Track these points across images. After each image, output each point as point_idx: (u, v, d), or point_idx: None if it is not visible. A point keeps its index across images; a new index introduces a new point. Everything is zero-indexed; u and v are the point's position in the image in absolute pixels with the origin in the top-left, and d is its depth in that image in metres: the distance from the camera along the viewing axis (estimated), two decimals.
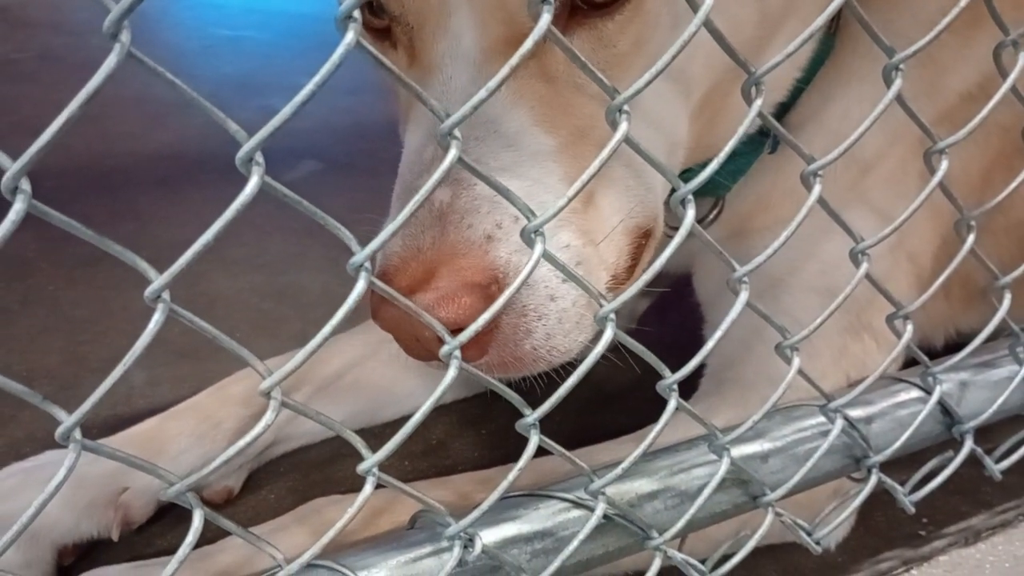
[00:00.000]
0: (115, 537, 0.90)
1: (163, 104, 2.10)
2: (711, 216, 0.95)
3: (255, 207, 0.46)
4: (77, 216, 0.40)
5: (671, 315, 1.32)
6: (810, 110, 0.91)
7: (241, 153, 0.44)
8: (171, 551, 0.53)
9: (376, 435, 1.12)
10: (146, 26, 2.99)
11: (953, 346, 1.13)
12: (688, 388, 0.89)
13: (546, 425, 0.61)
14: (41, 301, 1.38)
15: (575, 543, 0.66)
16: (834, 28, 0.90)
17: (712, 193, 0.94)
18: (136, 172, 1.88)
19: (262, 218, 1.57)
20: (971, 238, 0.81)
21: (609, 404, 1.21)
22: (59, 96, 0.38)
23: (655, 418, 0.67)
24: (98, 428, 1.05)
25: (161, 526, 0.95)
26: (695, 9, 0.54)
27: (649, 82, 0.53)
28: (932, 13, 0.89)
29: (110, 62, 0.40)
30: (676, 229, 0.60)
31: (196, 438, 0.96)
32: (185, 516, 0.53)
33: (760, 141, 0.90)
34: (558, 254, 0.63)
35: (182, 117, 2.05)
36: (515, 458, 0.62)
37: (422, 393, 1.10)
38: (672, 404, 0.67)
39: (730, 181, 0.94)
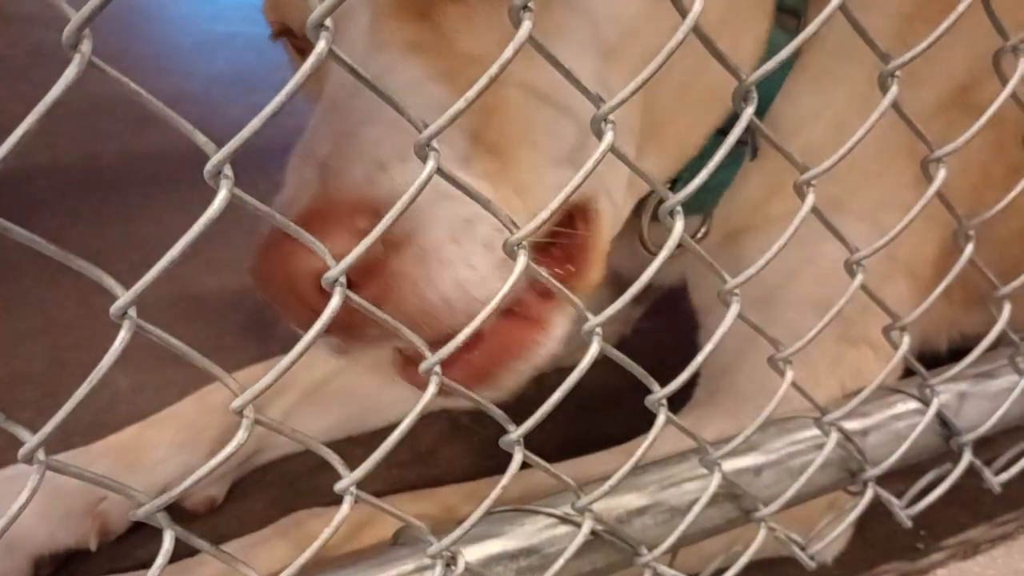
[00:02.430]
0: (93, 547, 0.88)
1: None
2: (700, 234, 0.94)
3: (244, 208, 0.45)
4: (66, 216, 0.39)
5: (667, 319, 1.30)
6: (778, 113, 0.89)
7: (209, 166, 0.43)
8: (151, 562, 0.52)
9: (365, 443, 1.10)
10: (139, 22, 2.97)
11: (957, 349, 1.12)
12: (683, 395, 0.87)
13: (536, 434, 0.59)
14: (25, 304, 1.36)
15: (562, 560, 0.64)
16: (799, 28, 0.88)
17: (698, 210, 0.92)
18: (125, 171, 1.85)
19: (252, 220, 1.55)
20: (969, 248, 0.79)
21: (600, 411, 1.19)
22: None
23: (648, 424, 0.65)
24: (80, 434, 1.03)
25: (141, 536, 0.94)
26: (683, 14, 0.52)
27: (634, 92, 0.51)
28: (900, 5, 0.87)
29: (69, 73, 0.39)
30: (661, 246, 0.59)
31: (177, 447, 0.95)
32: None
33: (739, 151, 0.89)
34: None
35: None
36: (506, 467, 0.60)
37: (409, 399, 1.08)
38: (661, 419, 0.65)
39: (715, 196, 0.92)
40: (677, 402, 0.66)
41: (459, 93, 0.53)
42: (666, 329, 1.27)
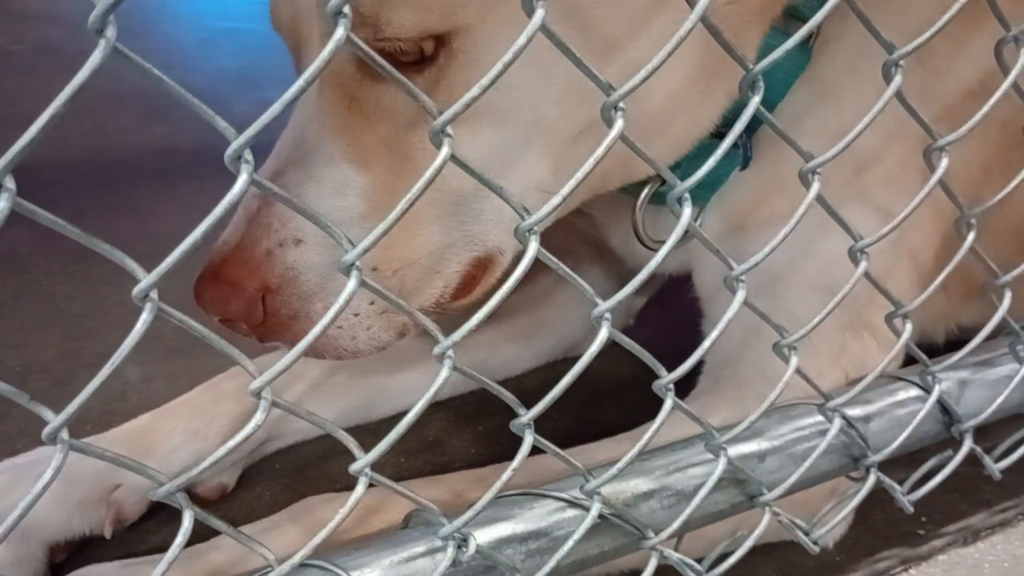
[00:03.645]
0: (107, 534, 0.89)
1: (160, 98, 2.07)
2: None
3: None
4: (72, 210, 0.40)
5: (670, 311, 1.31)
6: (783, 123, 0.91)
7: (230, 151, 0.44)
8: (164, 548, 0.53)
9: (372, 431, 1.11)
10: (144, 18, 2.98)
11: (954, 341, 1.13)
12: (686, 385, 0.88)
13: (542, 422, 0.61)
14: (36, 296, 1.37)
15: (570, 543, 0.65)
16: (812, 41, 0.89)
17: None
18: (133, 166, 1.87)
19: None
20: (971, 236, 0.80)
21: (606, 401, 1.21)
22: (56, 89, 0.38)
23: (652, 414, 0.67)
24: (92, 424, 1.05)
25: (154, 523, 0.95)
26: (692, 5, 0.53)
27: (644, 79, 0.52)
28: (917, 24, 0.88)
29: (95, 58, 0.40)
30: (662, 242, 0.60)
31: (189, 435, 0.96)
32: (178, 513, 0.53)
33: (734, 154, 0.90)
34: (340, 276, 0.70)
35: (179, 111, 2.01)
36: (512, 455, 0.61)
37: (417, 389, 1.09)
38: (668, 404, 0.66)
39: (707, 192, 0.94)
40: (680, 392, 0.67)
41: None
42: (666, 321, 1.28)
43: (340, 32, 0.43)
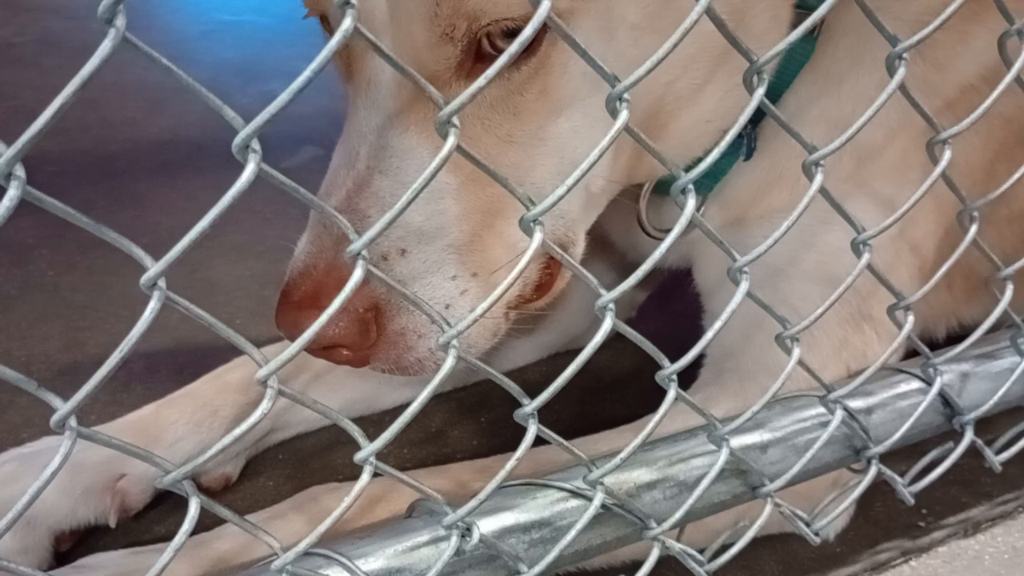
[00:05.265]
0: (112, 523, 0.90)
1: (163, 89, 2.09)
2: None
3: (255, 194, 0.46)
4: (77, 202, 0.40)
5: (671, 305, 1.32)
6: (787, 113, 0.91)
7: (237, 140, 0.44)
8: (169, 537, 0.53)
9: (375, 423, 1.12)
10: (146, 11, 2.98)
11: (955, 337, 1.13)
12: (688, 378, 0.89)
13: (545, 414, 0.61)
14: (40, 287, 1.37)
15: (573, 533, 0.66)
16: (817, 31, 0.90)
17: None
18: (136, 158, 1.87)
19: (262, 205, 1.57)
20: (973, 229, 0.81)
21: (608, 393, 1.21)
22: (59, 81, 0.38)
23: (654, 407, 0.67)
24: (96, 414, 1.05)
25: (159, 512, 0.95)
26: None
27: (650, 70, 0.52)
28: (918, 14, 0.88)
29: (104, 47, 0.40)
30: (666, 231, 0.61)
31: (193, 425, 0.96)
32: (183, 503, 0.53)
33: (738, 144, 0.91)
34: (445, 284, 0.74)
35: (182, 103, 2.04)
36: (514, 446, 0.62)
37: (420, 381, 1.10)
38: (671, 394, 0.67)
39: (711, 181, 0.94)
40: (680, 387, 0.67)
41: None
42: (667, 316, 1.29)
43: (348, 23, 0.44)
